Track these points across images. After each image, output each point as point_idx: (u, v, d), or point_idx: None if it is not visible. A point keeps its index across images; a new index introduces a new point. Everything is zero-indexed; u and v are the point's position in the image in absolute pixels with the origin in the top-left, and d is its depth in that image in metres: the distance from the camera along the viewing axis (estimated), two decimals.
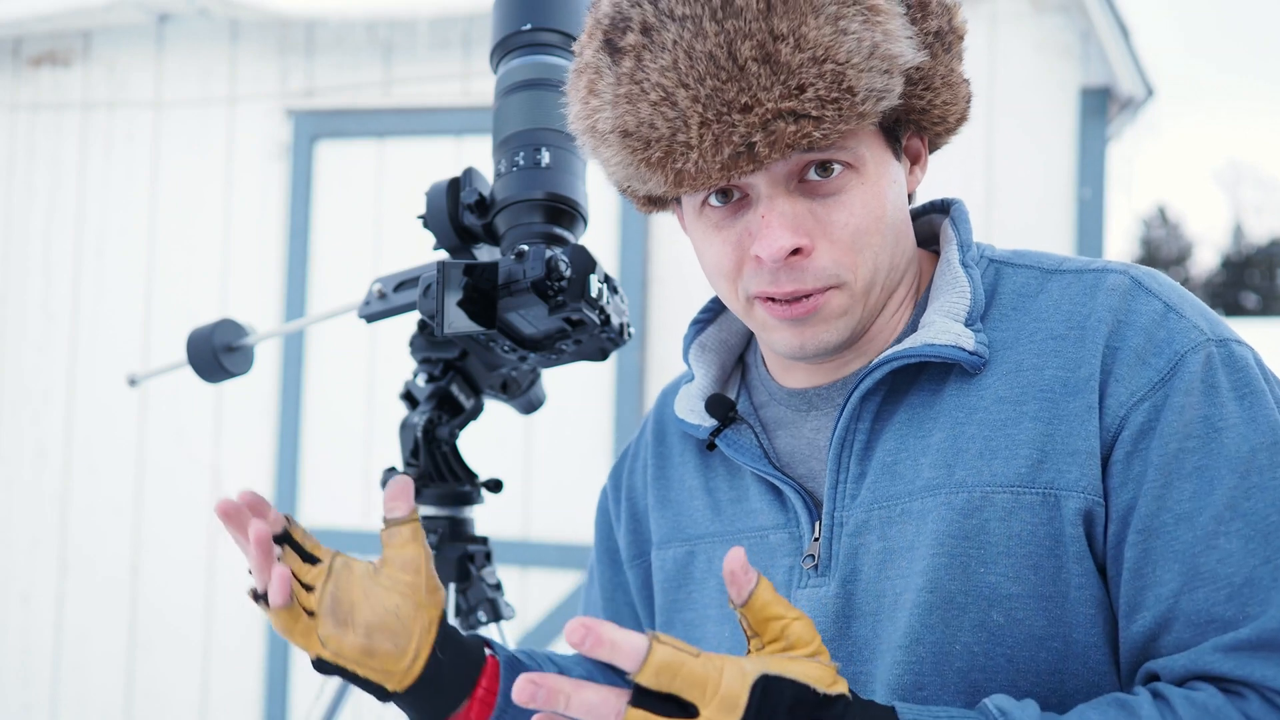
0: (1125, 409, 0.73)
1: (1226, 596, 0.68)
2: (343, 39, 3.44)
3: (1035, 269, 0.83)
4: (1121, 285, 0.77)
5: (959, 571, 0.75)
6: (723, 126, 0.72)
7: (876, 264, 0.80)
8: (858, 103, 0.72)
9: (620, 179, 0.82)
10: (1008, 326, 0.80)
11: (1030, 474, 0.74)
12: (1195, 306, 0.77)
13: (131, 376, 1.39)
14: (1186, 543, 0.70)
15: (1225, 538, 0.69)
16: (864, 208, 0.78)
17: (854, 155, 0.77)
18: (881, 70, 0.73)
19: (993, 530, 0.74)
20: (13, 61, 3.74)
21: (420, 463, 1.18)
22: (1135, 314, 0.75)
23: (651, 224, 3.20)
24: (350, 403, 3.38)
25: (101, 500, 3.57)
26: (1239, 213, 28.36)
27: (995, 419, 0.76)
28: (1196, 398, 0.72)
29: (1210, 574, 0.69)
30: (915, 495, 0.78)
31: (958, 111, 0.84)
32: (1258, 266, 25.83)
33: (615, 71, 0.76)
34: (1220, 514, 0.70)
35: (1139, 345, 0.74)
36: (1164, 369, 0.73)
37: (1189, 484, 0.71)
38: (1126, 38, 2.93)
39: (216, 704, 3.47)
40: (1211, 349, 0.73)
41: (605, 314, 1.01)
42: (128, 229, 3.60)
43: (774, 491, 0.87)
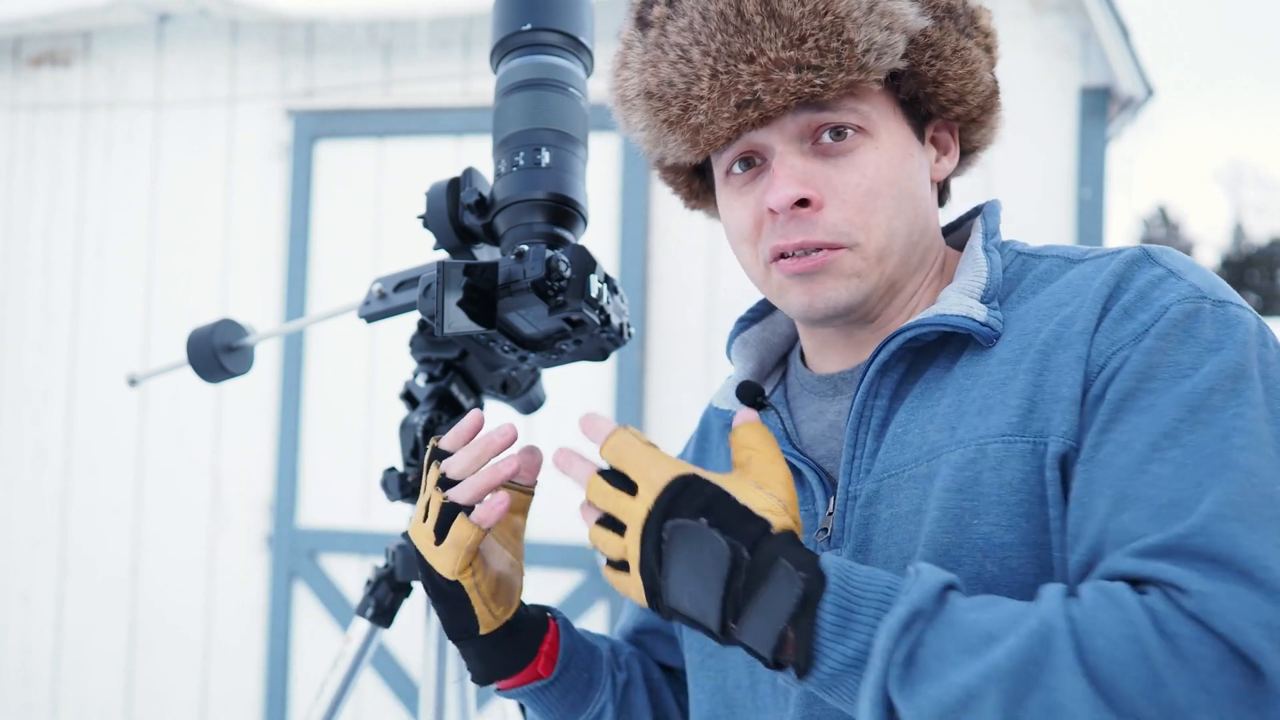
0: (1105, 357, 0.73)
1: (1149, 516, 0.66)
2: (343, 39, 3.44)
3: (1061, 258, 0.84)
4: (1131, 256, 0.78)
5: (953, 525, 0.75)
6: (730, 77, 0.78)
7: (891, 228, 0.82)
8: (859, 54, 0.77)
9: (648, 145, 0.88)
10: (1025, 306, 0.81)
11: (1021, 423, 0.74)
12: (1204, 275, 0.76)
13: (131, 376, 1.39)
14: (1120, 468, 0.69)
15: (1159, 463, 0.67)
16: (875, 170, 0.81)
17: (864, 119, 0.81)
18: (882, 25, 0.78)
19: (985, 481, 0.74)
20: (13, 61, 3.74)
21: (420, 463, 1.18)
22: (1135, 278, 0.76)
23: (652, 224, 3.20)
24: (350, 403, 3.38)
25: (101, 500, 3.57)
26: (1239, 213, 28.38)
27: (996, 379, 0.77)
28: (1170, 343, 0.71)
29: (1137, 496, 0.67)
30: (922, 460, 0.79)
31: (978, 95, 0.86)
32: (1258, 266, 25.84)
33: (643, 42, 0.83)
34: (1157, 441, 0.68)
35: (1129, 301, 0.74)
36: (1148, 321, 0.73)
37: (1137, 418, 0.70)
38: (1126, 38, 2.93)
39: (216, 704, 3.47)
40: (1205, 304, 0.73)
41: (605, 314, 1.01)
42: (128, 229, 3.60)
43: (794, 472, 0.90)
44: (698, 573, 0.69)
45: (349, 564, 3.37)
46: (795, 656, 0.67)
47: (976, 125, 0.90)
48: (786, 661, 0.68)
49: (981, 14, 0.87)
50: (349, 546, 3.35)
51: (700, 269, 3.18)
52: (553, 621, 0.96)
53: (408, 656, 3.25)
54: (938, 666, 0.64)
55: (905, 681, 0.64)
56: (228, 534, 3.48)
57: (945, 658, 0.64)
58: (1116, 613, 0.62)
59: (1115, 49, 2.92)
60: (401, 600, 1.22)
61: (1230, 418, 0.67)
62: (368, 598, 1.21)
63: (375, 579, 1.21)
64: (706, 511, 0.70)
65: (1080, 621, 0.62)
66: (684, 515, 0.70)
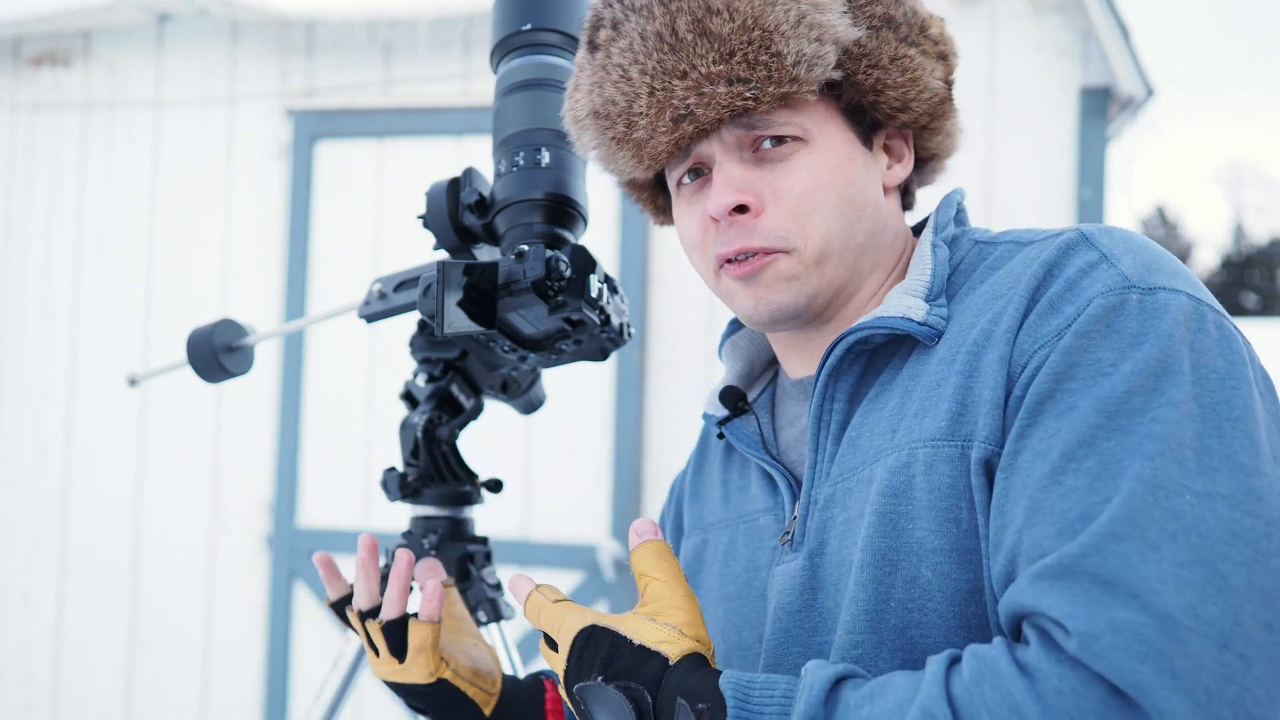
0: (1027, 355, 0.71)
1: (1058, 531, 0.64)
2: (343, 39, 3.44)
3: (1013, 243, 0.83)
4: (1066, 241, 0.76)
5: (889, 529, 0.75)
6: (665, 93, 0.81)
7: (828, 231, 0.83)
8: (788, 66, 0.79)
9: (601, 163, 0.90)
10: (970, 298, 0.80)
11: (950, 427, 0.74)
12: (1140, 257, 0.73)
13: (131, 376, 1.39)
14: (1035, 478, 0.67)
15: (1073, 474, 0.65)
16: (810, 174, 0.83)
17: (800, 129, 0.83)
18: (811, 38, 0.79)
19: (917, 485, 0.74)
20: (13, 61, 3.74)
21: (420, 462, 1.18)
22: (1066, 266, 0.74)
23: (651, 224, 3.20)
24: (350, 403, 3.38)
25: (101, 500, 3.57)
26: (1239, 213, 28.38)
27: (933, 379, 0.77)
28: (1091, 340, 0.69)
29: (1049, 508, 0.65)
30: (867, 463, 0.79)
31: (923, 101, 0.87)
32: (1258, 266, 25.84)
33: (591, 64, 0.87)
34: (1073, 450, 0.66)
35: (1055, 294, 0.72)
36: (1072, 315, 0.70)
37: (1054, 422, 0.67)
38: (1126, 38, 2.93)
39: (216, 704, 3.47)
40: (1131, 295, 0.70)
41: (605, 314, 1.01)
42: (128, 229, 3.60)
43: (767, 477, 0.92)
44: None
45: (349, 564, 3.37)
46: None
47: (929, 132, 0.90)
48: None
49: (932, 23, 0.88)
50: (349, 546, 3.35)
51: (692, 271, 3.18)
52: (548, 682, 1.03)
53: None
54: None
55: None
56: (228, 534, 3.48)
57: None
58: (995, 684, 0.61)
59: (1115, 49, 2.92)
60: None
61: (1148, 422, 0.65)
62: None
63: None
64: (608, 664, 0.73)
65: (960, 701, 0.62)
66: (586, 675, 0.74)
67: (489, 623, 1.17)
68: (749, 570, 0.91)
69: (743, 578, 0.91)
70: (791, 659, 0.83)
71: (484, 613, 1.17)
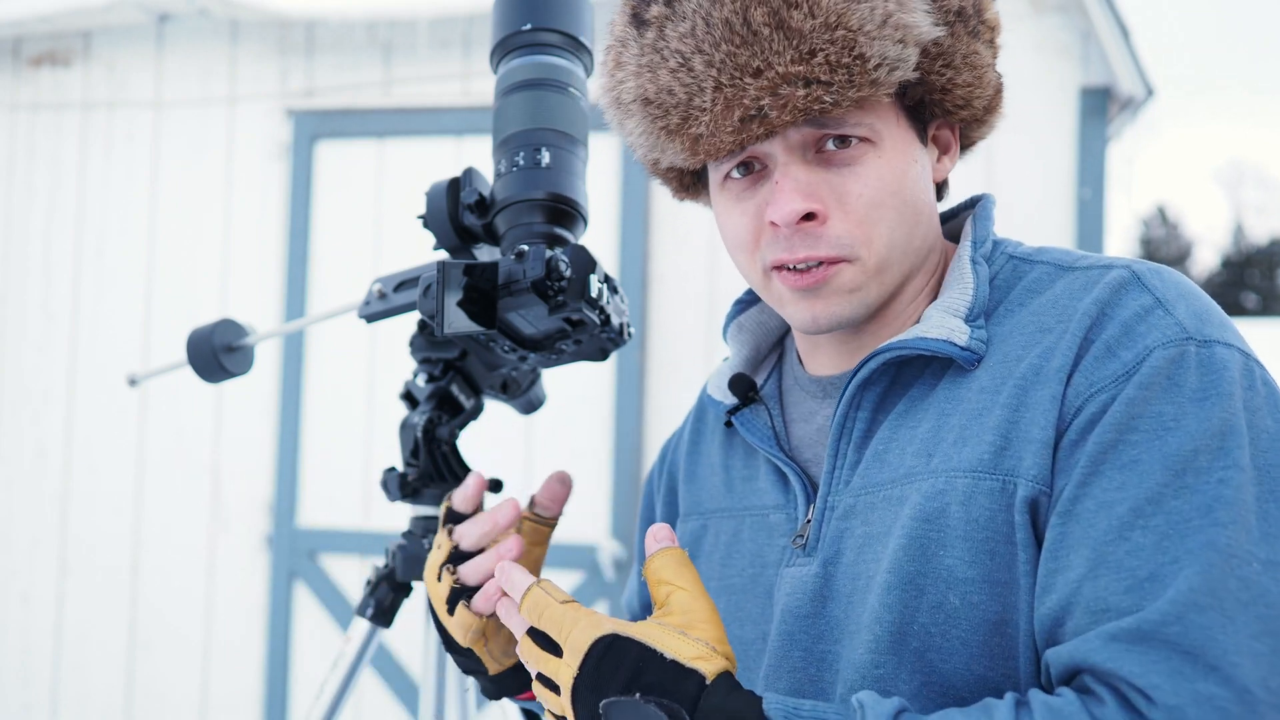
0: (1082, 399, 0.70)
1: (1126, 588, 0.64)
2: (343, 39, 3.44)
3: (1052, 265, 0.81)
4: (1118, 280, 0.74)
5: (918, 553, 0.75)
6: (735, 90, 0.74)
7: (891, 240, 0.80)
8: (870, 69, 0.74)
9: (643, 150, 0.85)
10: (1010, 321, 0.79)
11: (992, 460, 0.73)
12: (1192, 305, 0.73)
13: (131, 376, 1.39)
14: (1101, 530, 0.67)
15: (1141, 531, 0.65)
16: (879, 180, 0.79)
17: (870, 130, 0.78)
18: (895, 39, 0.74)
19: (952, 514, 0.73)
20: (13, 61, 3.74)
21: (420, 463, 1.18)
22: (1120, 308, 0.73)
23: (651, 224, 3.20)
24: (350, 403, 3.38)
25: (101, 500, 3.57)
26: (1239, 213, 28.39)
27: (974, 408, 0.76)
28: (1154, 392, 0.68)
29: (1116, 564, 0.65)
30: (897, 483, 0.78)
31: (984, 98, 0.84)
32: (1258, 266, 25.85)
33: (639, 43, 0.79)
34: (1141, 506, 0.66)
35: (1112, 337, 0.71)
36: (1130, 362, 0.70)
37: (1119, 474, 0.67)
38: (1126, 38, 2.92)
39: (216, 704, 3.47)
40: (1190, 348, 0.69)
41: (605, 314, 1.01)
42: (128, 229, 3.60)
43: (779, 473, 0.90)
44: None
45: (349, 564, 3.37)
46: None
47: (979, 124, 0.88)
48: None
49: (987, 4, 0.84)
50: (349, 546, 3.35)
51: (700, 269, 3.18)
52: None
53: (408, 656, 3.25)
54: None
55: None
56: (228, 534, 3.48)
57: None
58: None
59: (1115, 49, 2.92)
60: (401, 600, 1.22)
61: (1215, 484, 0.65)
62: (368, 598, 1.21)
63: (375, 579, 1.21)
64: (636, 678, 0.68)
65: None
66: (613, 689, 0.68)
67: None
68: (755, 566, 0.90)
69: (748, 572, 0.90)
70: (793, 662, 0.82)
71: None
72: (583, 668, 0.70)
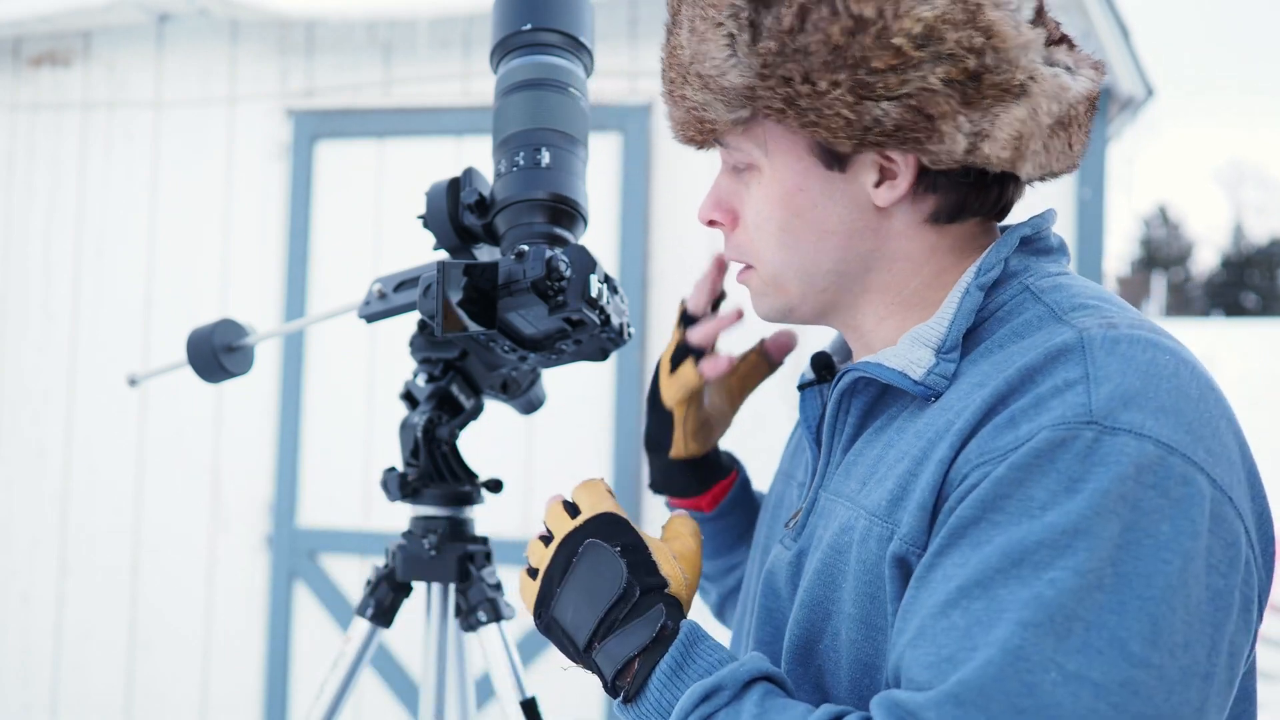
0: (970, 468, 0.68)
1: (928, 664, 0.64)
2: (343, 39, 3.44)
3: (1049, 309, 0.76)
4: (1060, 345, 0.70)
5: (827, 580, 0.78)
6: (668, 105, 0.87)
7: (776, 258, 0.84)
8: (691, 108, 0.82)
9: None
10: (984, 362, 0.75)
11: (888, 508, 0.74)
12: (1129, 386, 0.66)
13: (131, 376, 1.39)
14: (932, 602, 0.66)
15: (961, 612, 0.64)
16: (759, 202, 0.84)
17: (749, 156, 0.83)
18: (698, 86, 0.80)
19: (852, 551, 0.76)
20: (13, 61, 3.73)
21: (420, 463, 1.18)
22: (1046, 377, 0.69)
23: (652, 224, 3.20)
24: (350, 403, 3.38)
25: (101, 500, 3.57)
26: (1239, 213, 28.37)
27: (904, 449, 0.76)
28: (1029, 474, 0.65)
29: (931, 638, 0.65)
30: (842, 497, 0.81)
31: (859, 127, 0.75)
32: (1258, 266, 25.83)
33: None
34: (968, 587, 0.64)
35: (1019, 409, 0.68)
36: (1021, 439, 0.66)
37: (966, 552, 0.66)
38: (1126, 38, 2.92)
39: (216, 704, 3.47)
40: (1085, 433, 0.64)
41: (605, 314, 1.01)
42: (128, 229, 3.60)
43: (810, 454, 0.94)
44: (590, 589, 0.79)
45: (349, 564, 3.37)
46: (629, 685, 0.76)
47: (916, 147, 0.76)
48: (621, 686, 0.77)
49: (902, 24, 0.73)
50: (349, 546, 3.35)
51: (700, 269, 3.18)
52: (735, 473, 1.13)
53: (408, 656, 3.25)
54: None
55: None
56: (228, 534, 3.48)
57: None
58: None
59: (1115, 49, 2.92)
60: (401, 600, 1.22)
61: (1044, 584, 0.62)
62: (368, 598, 1.21)
63: (375, 579, 1.21)
64: (622, 551, 0.81)
65: None
66: (602, 539, 0.82)
67: (489, 622, 1.17)
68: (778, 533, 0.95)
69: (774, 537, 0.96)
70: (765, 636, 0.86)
71: (484, 612, 1.17)
72: (587, 520, 0.84)
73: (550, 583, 0.82)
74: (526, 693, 1.17)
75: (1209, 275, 26.41)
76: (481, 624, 1.17)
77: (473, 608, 1.18)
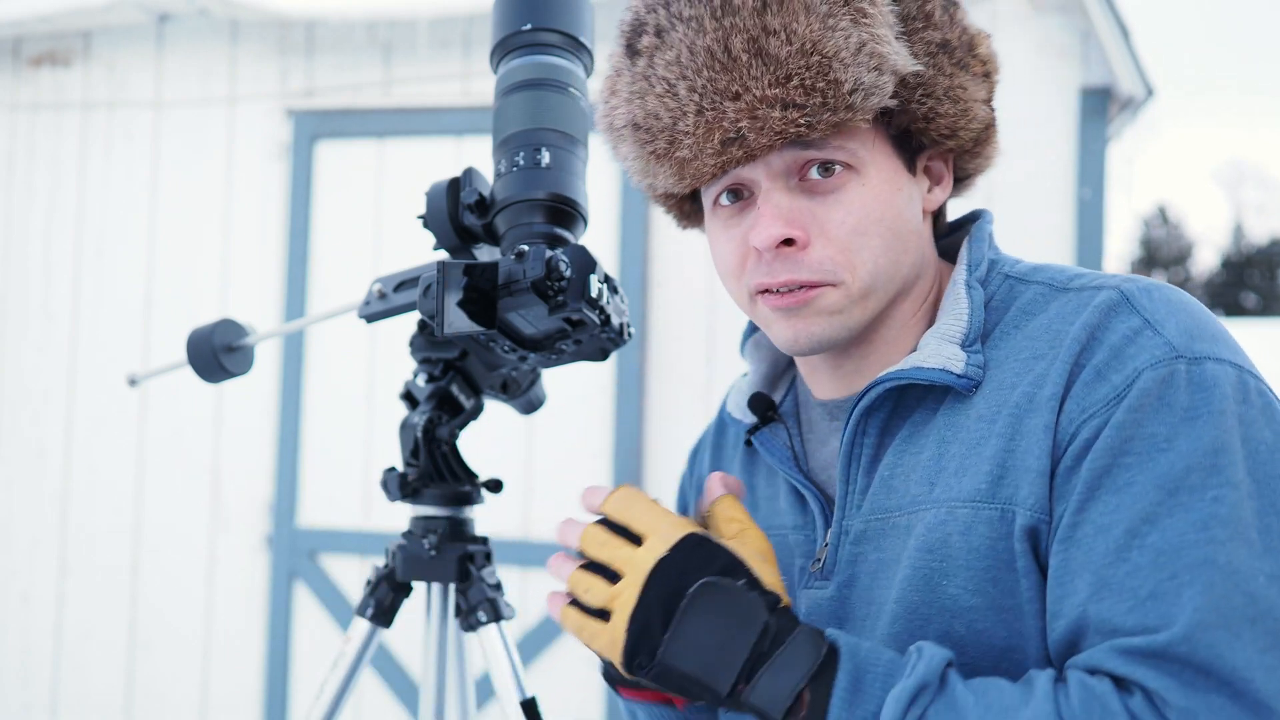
0: (1075, 426, 0.72)
1: (1129, 608, 0.66)
2: (343, 39, 3.44)
3: (1047, 286, 0.82)
4: (1107, 302, 0.75)
5: (922, 584, 0.77)
6: (715, 114, 0.77)
7: (876, 267, 0.81)
8: (845, 94, 0.76)
9: (637, 176, 0.87)
10: (1006, 344, 0.80)
11: (990, 489, 0.74)
12: (1182, 322, 0.73)
13: (131, 376, 1.39)
14: (1100, 553, 0.68)
15: (1138, 551, 0.67)
16: (862, 208, 0.80)
17: (853, 156, 0.80)
18: (870, 67, 0.76)
19: (954, 544, 0.75)
20: (13, 61, 3.73)
21: (420, 463, 1.18)
22: (1109, 331, 0.74)
23: (651, 224, 3.20)
24: (350, 403, 3.38)
25: (101, 500, 3.57)
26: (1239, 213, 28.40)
27: (972, 437, 0.77)
28: (1144, 414, 0.69)
29: (1118, 585, 0.67)
30: (904, 510, 0.80)
31: (971, 130, 0.85)
32: (1258, 266, 25.86)
33: (631, 71, 0.82)
34: (1136, 527, 0.67)
35: (1102, 362, 0.72)
36: (1120, 386, 0.71)
37: (1114, 498, 0.69)
38: (1126, 38, 2.92)
39: (216, 704, 3.47)
40: (1179, 366, 0.70)
41: (605, 314, 1.01)
42: (128, 229, 3.60)
43: (797, 494, 0.91)
44: (722, 632, 0.71)
45: (349, 564, 3.37)
46: (805, 714, 0.69)
47: (971, 156, 0.89)
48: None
49: (980, 41, 0.85)
50: (349, 546, 3.35)
51: (700, 269, 3.18)
52: None
53: (408, 656, 3.25)
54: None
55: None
56: (228, 534, 3.48)
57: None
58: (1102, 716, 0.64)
59: (1115, 49, 2.92)
60: (401, 600, 1.22)
61: (1209, 502, 0.66)
62: (368, 598, 1.21)
63: (375, 579, 1.21)
64: (728, 573, 0.72)
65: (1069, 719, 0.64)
66: (709, 573, 0.72)
67: (489, 622, 1.17)
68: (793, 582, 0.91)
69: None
70: None
71: (484, 612, 1.17)
72: (674, 551, 0.73)
73: (647, 630, 0.73)
74: (526, 693, 1.17)
75: (1209, 275, 26.45)
76: (481, 624, 1.17)
77: (473, 608, 1.18)
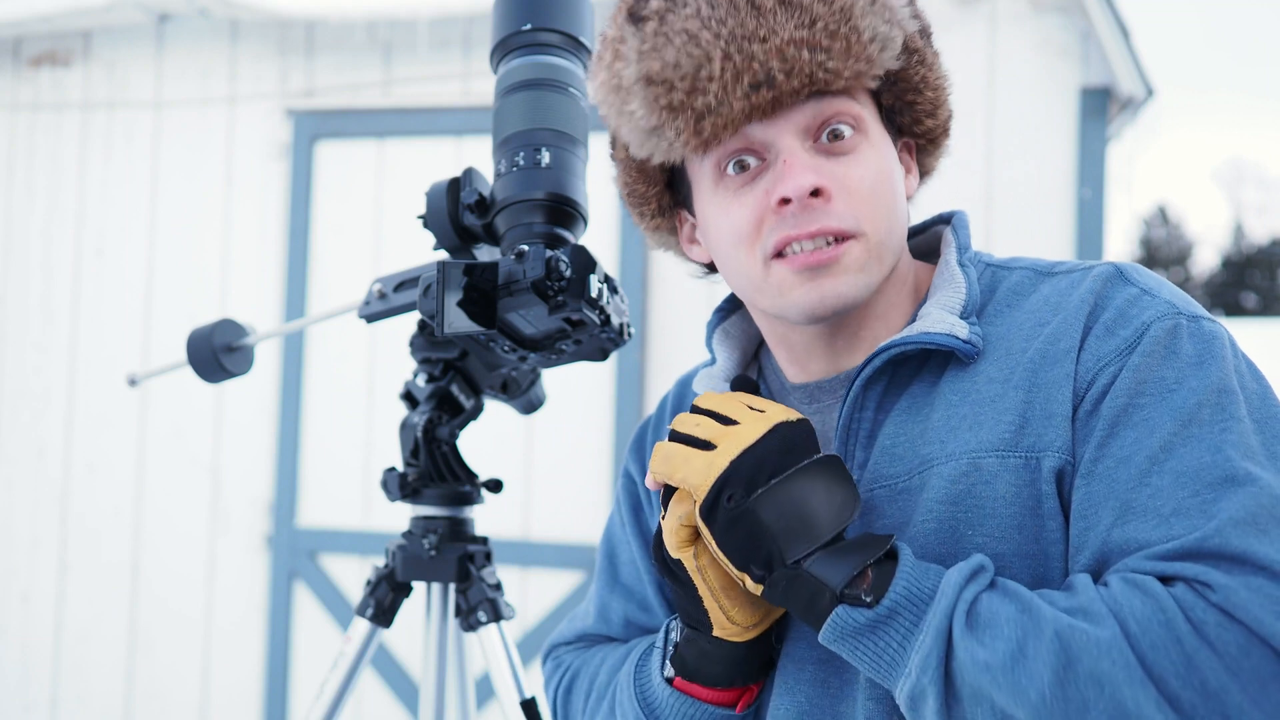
0: (1092, 373, 0.77)
1: (1154, 525, 0.70)
2: (343, 39, 3.44)
3: (1030, 270, 0.87)
4: (1105, 273, 0.82)
5: (947, 535, 0.78)
6: (743, 57, 0.78)
7: (890, 225, 0.84)
8: (865, 42, 0.79)
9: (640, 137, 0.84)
10: (1002, 321, 0.84)
11: (1014, 438, 0.77)
12: (1174, 291, 0.81)
13: (131, 376, 1.39)
14: (1121, 482, 0.73)
15: (1158, 475, 0.71)
16: (876, 165, 0.84)
17: (861, 121, 0.83)
18: (884, 19, 0.81)
19: (979, 494, 0.78)
20: (13, 61, 3.73)
21: (420, 463, 1.18)
22: (1112, 296, 0.80)
23: None
24: (350, 403, 3.38)
25: (101, 500, 3.57)
26: (1239, 213, 28.40)
27: (986, 396, 0.80)
28: (1155, 359, 0.75)
29: (1141, 508, 0.71)
30: (913, 473, 0.81)
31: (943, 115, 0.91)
32: (1258, 266, 25.85)
33: (639, 34, 0.81)
34: (1155, 455, 0.72)
35: (1110, 319, 0.78)
36: (1131, 337, 0.77)
37: (1132, 432, 0.74)
38: (1126, 38, 2.92)
39: (216, 704, 3.47)
40: (1181, 320, 0.77)
41: (605, 314, 1.01)
42: (128, 229, 3.60)
43: None
44: (822, 506, 0.75)
45: (349, 564, 3.37)
46: (867, 587, 0.72)
47: (933, 148, 0.93)
48: (854, 593, 0.72)
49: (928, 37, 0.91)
50: (349, 546, 3.35)
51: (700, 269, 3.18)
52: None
53: (408, 656, 3.25)
54: (997, 620, 0.69)
55: (970, 625, 0.69)
56: (228, 534, 3.48)
57: (1003, 614, 0.69)
58: (1147, 600, 0.66)
59: (1115, 49, 2.92)
60: (401, 600, 1.22)
61: (1219, 431, 0.72)
62: (368, 598, 1.21)
63: (375, 579, 1.21)
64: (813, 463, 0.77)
65: (1116, 604, 0.67)
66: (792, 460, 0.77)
67: (489, 622, 1.18)
68: None
69: None
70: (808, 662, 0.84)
71: (484, 612, 1.17)
72: (802, 422, 0.80)
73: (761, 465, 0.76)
74: (526, 693, 1.17)
75: (1209, 275, 26.45)
76: (481, 624, 1.18)
77: (473, 608, 1.18)
